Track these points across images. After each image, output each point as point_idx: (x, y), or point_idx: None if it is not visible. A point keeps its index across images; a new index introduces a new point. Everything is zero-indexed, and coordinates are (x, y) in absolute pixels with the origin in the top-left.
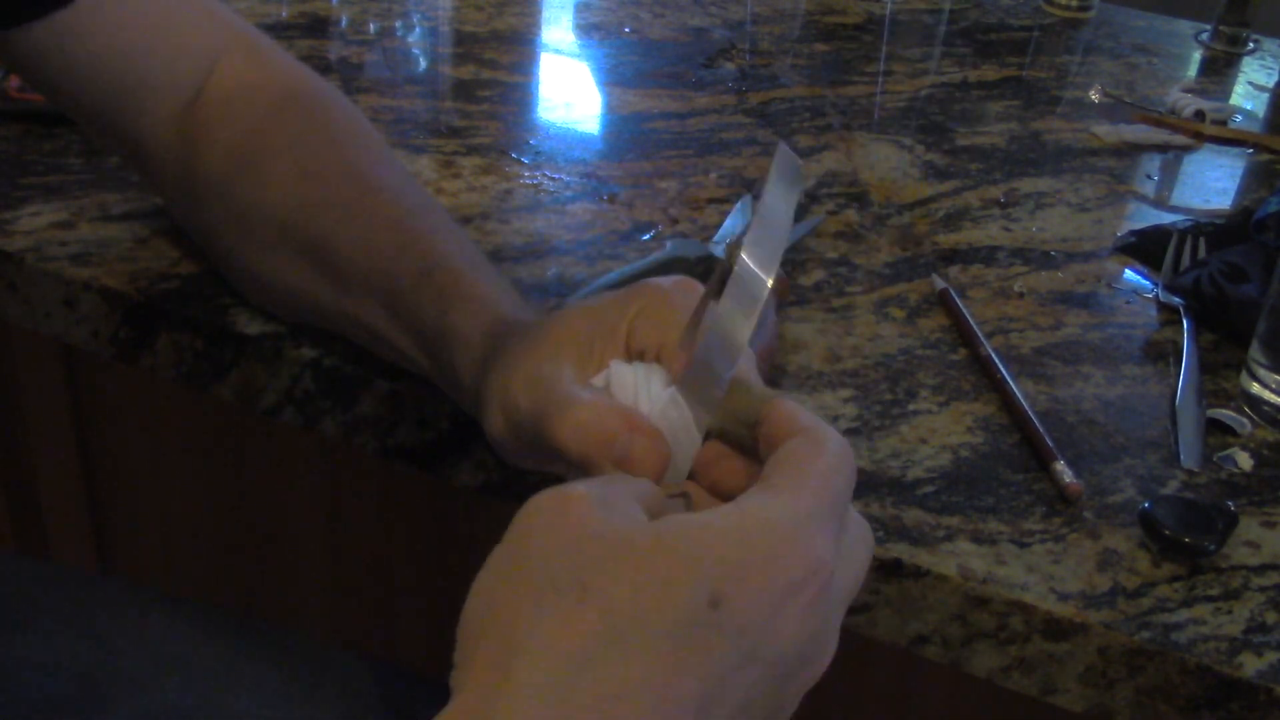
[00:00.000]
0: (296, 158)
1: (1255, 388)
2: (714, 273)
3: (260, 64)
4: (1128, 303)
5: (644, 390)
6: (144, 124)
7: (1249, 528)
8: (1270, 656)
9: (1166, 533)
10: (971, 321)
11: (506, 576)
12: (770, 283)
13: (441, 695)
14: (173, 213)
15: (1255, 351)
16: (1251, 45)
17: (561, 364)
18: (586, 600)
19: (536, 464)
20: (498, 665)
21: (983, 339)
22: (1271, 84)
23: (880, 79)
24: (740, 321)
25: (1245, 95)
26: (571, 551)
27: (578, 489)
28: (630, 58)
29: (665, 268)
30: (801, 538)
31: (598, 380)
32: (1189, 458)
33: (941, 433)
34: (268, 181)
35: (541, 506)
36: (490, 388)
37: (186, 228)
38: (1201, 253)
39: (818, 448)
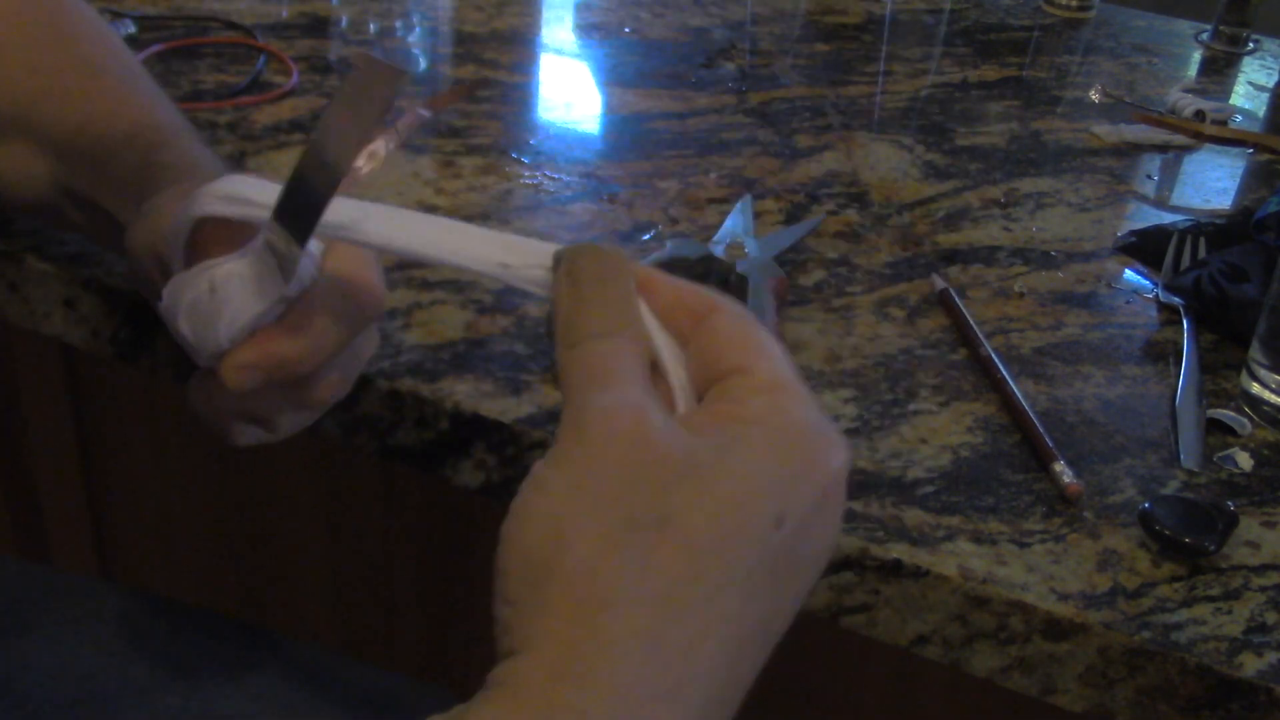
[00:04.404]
0: (27, 56)
1: (1255, 388)
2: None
3: None
4: (1128, 303)
5: None
6: None
7: (1249, 528)
8: (1270, 656)
9: (1166, 533)
10: (971, 321)
11: (577, 508)
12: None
13: (442, 700)
14: None
15: (1255, 351)
16: (1251, 45)
17: None
18: (665, 534)
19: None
20: (582, 618)
21: (983, 339)
22: (1271, 84)
23: (880, 79)
24: None
25: (1245, 95)
26: (649, 480)
27: (644, 405)
28: (630, 58)
29: (665, 268)
30: (825, 433)
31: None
32: (1189, 458)
33: (941, 433)
34: None
35: (618, 431)
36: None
37: None
38: (1201, 253)
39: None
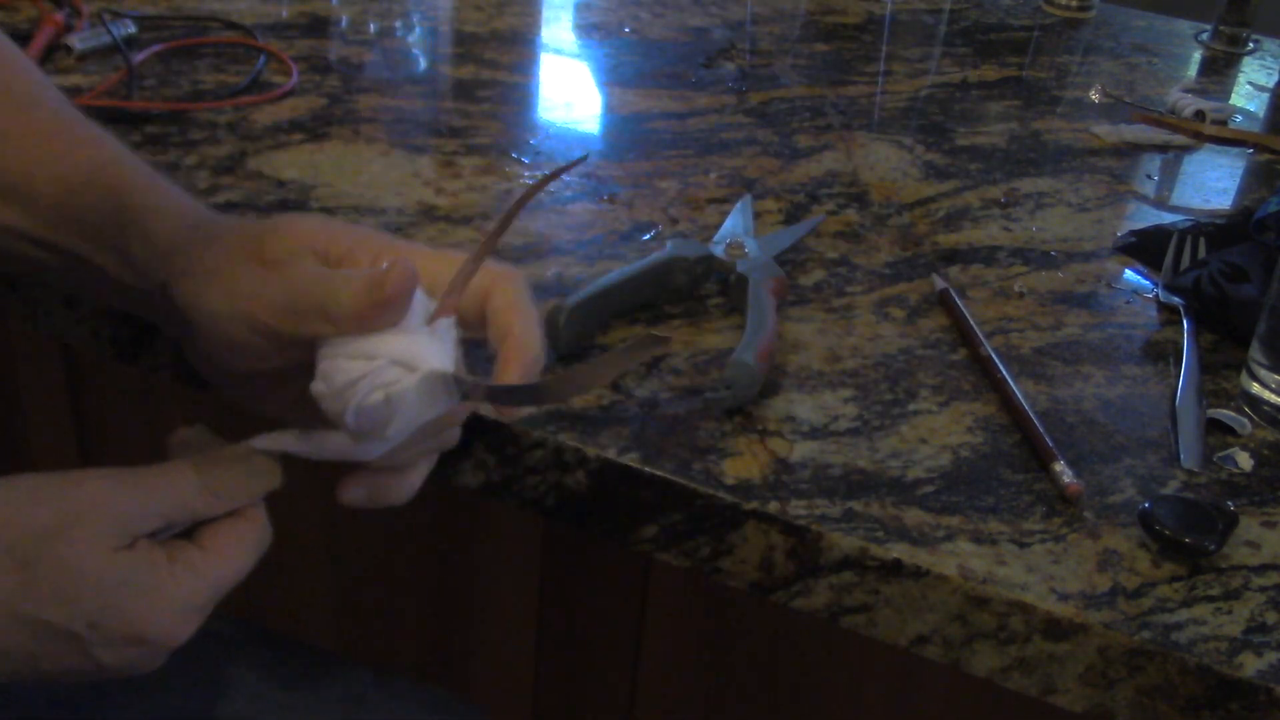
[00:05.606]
0: None
1: (1255, 388)
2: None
3: None
4: (1128, 303)
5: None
6: None
7: (1249, 528)
8: (1270, 656)
9: (1166, 533)
10: (971, 321)
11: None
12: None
13: (440, 700)
14: None
15: (1255, 351)
16: (1251, 45)
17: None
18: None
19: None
20: None
21: (983, 339)
22: (1271, 84)
23: (880, 79)
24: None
25: (1245, 95)
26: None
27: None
28: (630, 58)
29: (665, 268)
30: (181, 617)
31: None
32: (1189, 458)
33: (941, 433)
34: None
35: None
36: (218, 286)
37: None
38: (1201, 253)
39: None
